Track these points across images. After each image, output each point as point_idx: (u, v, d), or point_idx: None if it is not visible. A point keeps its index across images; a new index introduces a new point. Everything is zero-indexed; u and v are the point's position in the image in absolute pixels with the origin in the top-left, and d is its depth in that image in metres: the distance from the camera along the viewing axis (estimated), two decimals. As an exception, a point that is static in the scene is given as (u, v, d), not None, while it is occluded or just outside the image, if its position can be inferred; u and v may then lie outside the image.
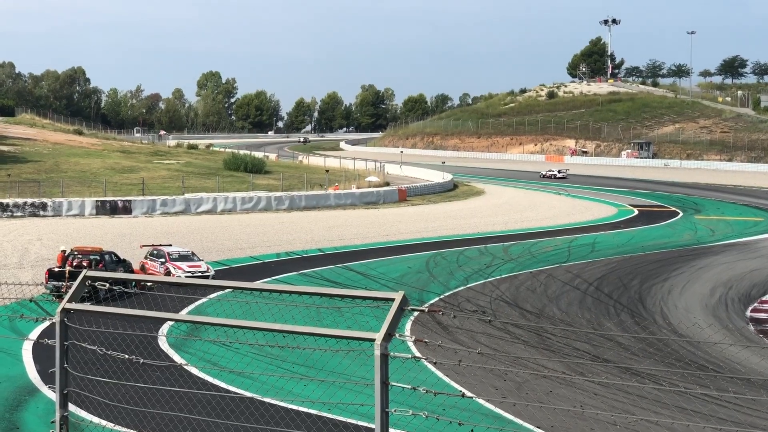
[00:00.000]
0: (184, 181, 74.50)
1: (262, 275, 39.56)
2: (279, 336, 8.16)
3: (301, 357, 16.63)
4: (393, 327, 7.34)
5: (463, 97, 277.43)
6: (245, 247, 49.14)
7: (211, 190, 73.64)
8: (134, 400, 10.33)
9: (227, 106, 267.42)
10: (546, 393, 22.19)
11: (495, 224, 63.83)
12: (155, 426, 10.99)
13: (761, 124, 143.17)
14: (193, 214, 64.89)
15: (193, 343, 24.07)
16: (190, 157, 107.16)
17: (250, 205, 68.36)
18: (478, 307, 34.98)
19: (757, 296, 39.82)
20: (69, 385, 8.69)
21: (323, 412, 16.68)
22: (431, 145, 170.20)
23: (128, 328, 10.37)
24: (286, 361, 18.88)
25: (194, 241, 50.79)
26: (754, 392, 20.61)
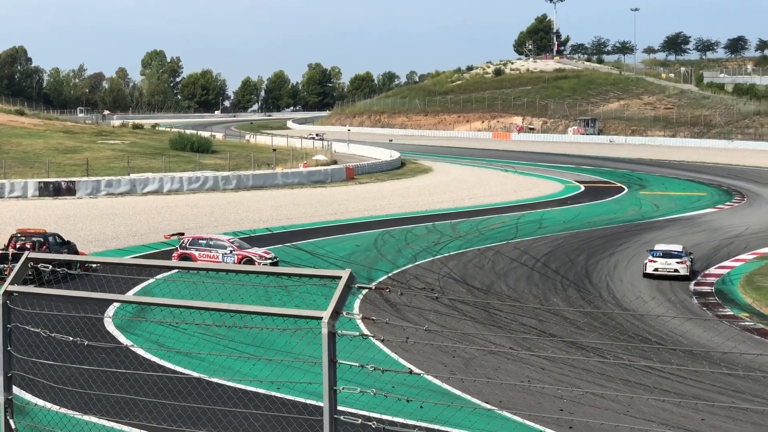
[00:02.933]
0: (130, 162, 73.77)
1: (210, 255, 39.30)
2: (226, 316, 8.12)
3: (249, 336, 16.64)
4: (340, 305, 7.31)
5: (410, 75, 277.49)
6: (193, 227, 48.79)
7: (157, 170, 72.98)
8: (80, 383, 10.24)
9: (173, 85, 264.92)
10: (494, 369, 22.36)
11: (443, 202, 64.03)
12: (101, 408, 10.91)
13: (704, 100, 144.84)
14: (139, 195, 64.33)
15: (139, 324, 23.92)
16: (135, 137, 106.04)
17: (197, 185, 67.90)
18: (426, 285, 35.12)
19: (700, 270, 40.36)
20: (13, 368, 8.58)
21: (271, 391, 16.66)
22: (378, 123, 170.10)
23: (73, 310, 10.26)
24: (233, 341, 18.85)
25: (141, 221, 50.40)
26: (697, 364, 20.95)
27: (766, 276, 38.63)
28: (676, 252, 39.60)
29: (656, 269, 38.79)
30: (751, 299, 34.58)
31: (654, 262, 39.14)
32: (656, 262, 39.09)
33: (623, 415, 18.38)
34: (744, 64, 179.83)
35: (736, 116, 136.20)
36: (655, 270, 38.82)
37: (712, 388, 21.23)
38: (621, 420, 17.47)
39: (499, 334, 27.06)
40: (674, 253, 39.39)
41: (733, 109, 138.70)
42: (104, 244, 42.24)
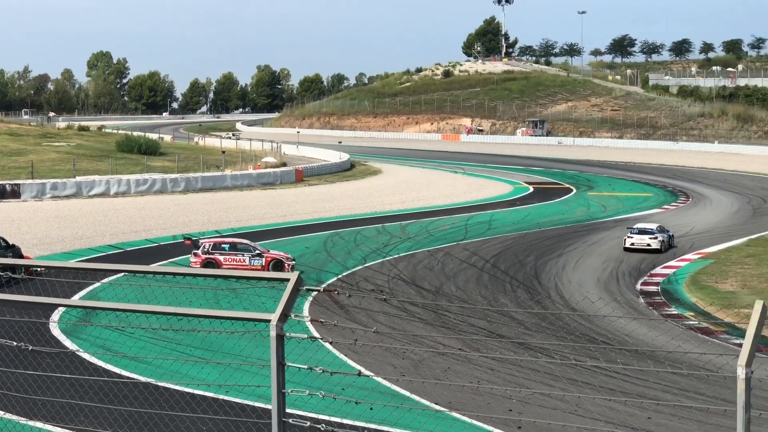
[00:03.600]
0: (76, 164, 72.96)
1: (158, 258, 39.07)
2: (174, 319, 8.07)
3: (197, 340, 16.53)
4: (288, 307, 7.30)
5: (359, 77, 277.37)
6: (140, 230, 48.44)
7: (103, 172, 72.25)
8: (24, 388, 10.11)
9: (119, 86, 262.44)
10: (443, 370, 22.42)
11: (392, 203, 64.12)
12: (47, 413, 10.78)
13: (650, 102, 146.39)
14: (85, 198, 63.64)
15: (85, 328, 23.67)
16: (82, 139, 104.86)
17: (144, 187, 67.36)
18: (376, 286, 35.15)
19: (646, 270, 40.86)
20: (-45, 374, 8.46)
21: (220, 395, 16.57)
22: (328, 125, 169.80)
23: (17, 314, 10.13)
24: (181, 345, 18.69)
25: (87, 224, 49.90)
26: (642, 363, 21.18)
27: (710, 275, 39.18)
28: (650, 230, 46.66)
29: (633, 244, 45.77)
30: (695, 298, 35.06)
31: (631, 238, 46.32)
32: (633, 238, 46.25)
33: (571, 414, 18.52)
34: (688, 67, 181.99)
35: (680, 118, 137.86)
36: (632, 244, 45.78)
37: (658, 386, 21.48)
38: (568, 419, 17.61)
39: (449, 335, 27.15)
40: (648, 230, 46.51)
41: (678, 110, 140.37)
42: (50, 248, 41.74)
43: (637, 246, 45.48)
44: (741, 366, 6.09)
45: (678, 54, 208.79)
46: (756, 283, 37.40)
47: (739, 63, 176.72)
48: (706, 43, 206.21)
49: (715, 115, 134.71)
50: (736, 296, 34.88)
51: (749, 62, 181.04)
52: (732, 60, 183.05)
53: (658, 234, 46.36)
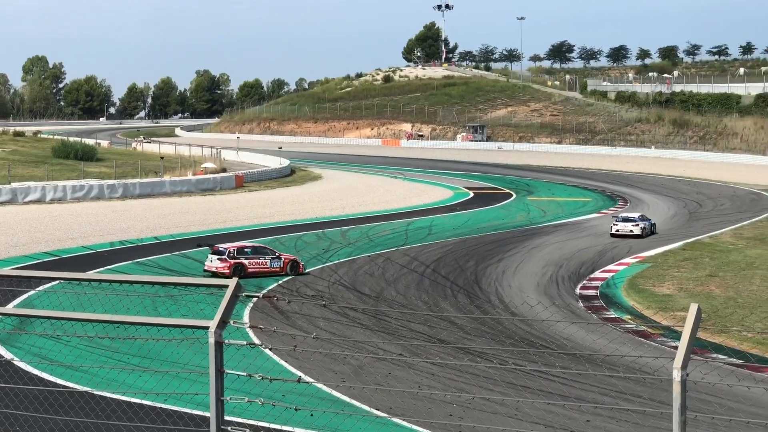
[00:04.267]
0: (10, 170, 71.83)
1: (95, 265, 38.60)
2: (111, 327, 7.98)
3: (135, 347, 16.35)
4: (227, 314, 7.26)
5: (299, 82, 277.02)
6: (77, 236, 47.81)
7: (39, 178, 71.19)
8: (-43, 399, 9.91)
9: (55, 91, 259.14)
10: (384, 375, 22.42)
11: (333, 209, 64.02)
12: (-20, 424, 10.59)
13: (588, 108, 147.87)
14: (20, 204, 62.63)
15: (20, 337, 23.29)
16: (17, 144, 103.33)
17: (81, 193, 66.48)
18: (317, 292, 35.06)
19: (585, 274, 41.23)
20: None
21: (157, 403, 16.37)
22: (268, 130, 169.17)
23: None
24: (118, 353, 18.50)
25: (22, 231, 49.14)
26: (580, 366, 21.35)
27: (647, 279, 39.65)
28: (632, 218, 53.72)
29: (618, 230, 52.05)
30: (633, 302, 35.44)
31: (616, 225, 52.71)
32: (618, 225, 52.65)
33: (510, 418, 18.61)
34: (625, 73, 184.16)
35: (618, 123, 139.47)
36: (617, 231, 52.08)
37: (595, 389, 21.67)
38: (508, 423, 17.69)
39: (390, 340, 27.15)
40: (631, 219, 53.47)
41: (616, 116, 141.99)
42: (-16, 255, 41.05)
43: (622, 232, 51.97)
44: (676, 368, 6.16)
45: (615, 60, 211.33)
46: (692, 286, 37.92)
47: (675, 69, 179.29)
48: (642, 50, 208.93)
49: (652, 121, 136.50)
50: (673, 299, 35.34)
51: (685, 68, 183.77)
52: (668, 66, 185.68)
53: (640, 222, 53.00)
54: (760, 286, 37.67)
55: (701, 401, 15.21)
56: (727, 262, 43.87)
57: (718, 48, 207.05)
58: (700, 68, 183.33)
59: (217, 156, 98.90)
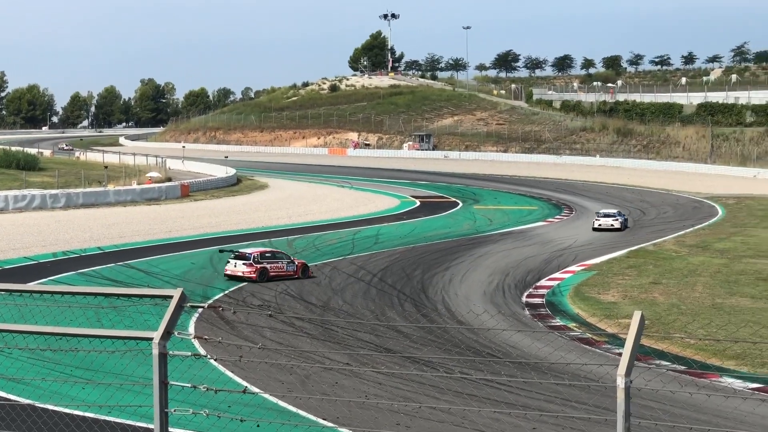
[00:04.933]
0: (-48, 180, 70.77)
1: (38, 276, 38.06)
2: (54, 339, 7.86)
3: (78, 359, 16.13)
4: (171, 325, 7.19)
5: (245, 91, 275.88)
6: (18, 247, 47.11)
7: (-19, 188, 70.19)
8: None
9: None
10: (331, 385, 22.37)
11: (279, 218, 63.82)
12: None
13: (534, 116, 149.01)
14: (-38, 214, 61.68)
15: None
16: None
17: (23, 203, 65.55)
18: (263, 302, 34.91)
19: (531, 282, 41.47)
20: None
21: (102, 415, 16.19)
22: (214, 139, 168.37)
23: None
24: (61, 365, 18.21)
25: (-36, 242, 48.34)
26: (526, 374, 21.43)
27: (593, 287, 40.00)
28: (612, 213, 61.28)
29: (600, 225, 59.20)
30: (579, 309, 35.72)
31: (598, 220, 59.90)
32: (600, 220, 59.81)
33: (457, 427, 18.65)
34: (570, 82, 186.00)
35: (563, 132, 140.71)
36: (600, 225, 59.14)
37: (541, 397, 21.79)
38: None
39: (337, 350, 27.09)
40: (611, 214, 60.89)
41: (561, 125, 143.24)
42: (-76, 267, 40.35)
43: (604, 227, 59.03)
44: (620, 376, 6.20)
45: (560, 69, 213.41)
46: (636, 293, 38.31)
47: (619, 79, 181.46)
48: (587, 59, 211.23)
49: (597, 130, 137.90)
50: (618, 307, 35.67)
51: (628, 78, 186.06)
52: (612, 76, 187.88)
53: (619, 217, 60.53)
54: (702, 292, 38.17)
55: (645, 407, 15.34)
56: (670, 269, 44.40)
57: (661, 58, 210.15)
58: (643, 78, 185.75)
59: (163, 165, 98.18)
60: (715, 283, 40.56)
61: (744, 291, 38.42)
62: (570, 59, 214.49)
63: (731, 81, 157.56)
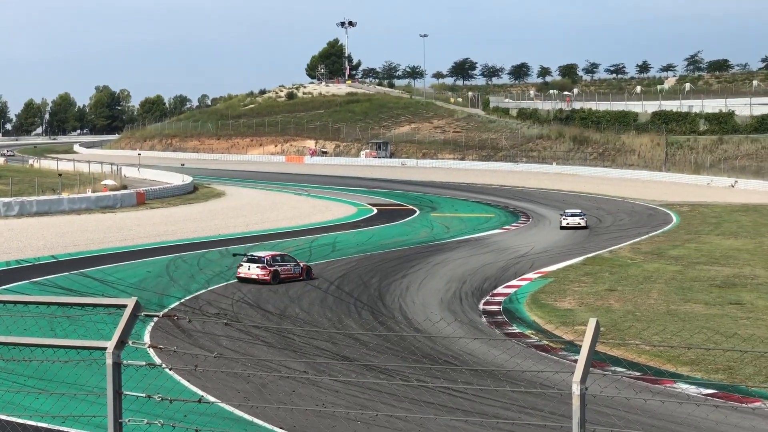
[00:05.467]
0: None
1: (-9, 285, 37.61)
2: (6, 348, 7.77)
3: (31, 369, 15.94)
4: (126, 334, 7.14)
5: (202, 99, 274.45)
6: (-28, 255, 46.56)
7: (-67, 196, 69.30)
8: None
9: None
10: (288, 393, 22.28)
11: (236, 226, 63.57)
12: None
13: (490, 124, 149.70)
14: None
15: None
16: None
17: (-24, 211, 64.82)
18: (220, 310, 34.73)
19: (489, 289, 41.58)
20: None
21: (56, 425, 16.04)
22: (170, 147, 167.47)
23: None
24: (14, 374, 18.02)
25: None
26: (482, 381, 21.48)
27: (549, 294, 40.20)
28: (579, 213, 66.82)
29: (568, 224, 64.32)
30: (535, 317, 35.86)
31: (566, 219, 64.93)
32: (567, 219, 64.88)
33: (415, 434, 18.64)
34: (527, 90, 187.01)
35: (520, 140, 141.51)
36: (567, 224, 64.32)
37: (498, 404, 21.85)
38: (413, 440, 17.72)
39: (294, 358, 27.00)
40: (577, 214, 66.31)
41: (518, 132, 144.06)
42: None
43: (571, 225, 64.20)
44: (576, 383, 6.24)
45: (517, 77, 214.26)
46: (592, 300, 38.56)
47: (575, 87, 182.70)
48: (543, 67, 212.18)
49: (553, 137, 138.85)
50: (574, 314, 35.86)
51: (584, 86, 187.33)
52: (568, 84, 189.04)
53: (584, 216, 66.01)
54: (657, 299, 38.50)
55: (600, 414, 15.44)
56: (626, 276, 44.75)
57: (616, 66, 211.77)
58: (599, 86, 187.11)
59: (118, 173, 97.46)
60: (670, 289, 40.93)
61: (698, 297, 38.81)
62: (526, 67, 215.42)
63: (685, 90, 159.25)
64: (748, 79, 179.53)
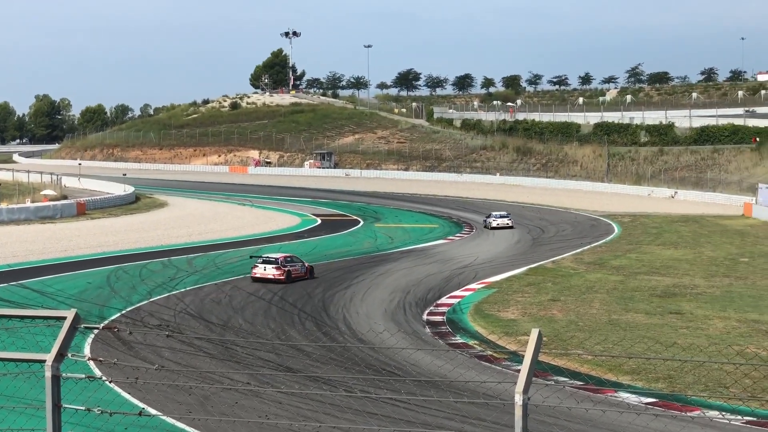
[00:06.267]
0: None
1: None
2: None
3: (-32, 382, 15.69)
4: (65, 347, 7.06)
5: (144, 108, 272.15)
6: None
7: None
8: None
9: None
10: (230, 405, 22.14)
11: (179, 236, 63.11)
12: None
13: (434, 135, 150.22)
14: None
15: None
16: None
17: None
18: (162, 321, 34.44)
19: (432, 300, 41.67)
20: None
21: (-7, 440, 15.77)
22: (112, 156, 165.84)
23: None
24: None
25: None
26: (426, 392, 21.54)
27: (493, 304, 40.40)
28: (506, 214, 73.60)
29: (498, 224, 71.09)
30: (479, 327, 36.00)
31: (496, 220, 71.90)
32: (497, 220, 71.76)
33: (358, 445, 18.59)
34: (471, 101, 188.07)
35: (464, 150, 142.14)
36: (498, 225, 71.01)
37: (441, 414, 21.89)
38: (356, 451, 17.67)
39: (237, 369, 26.84)
40: (504, 215, 72.99)
41: (462, 143, 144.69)
42: None
43: (501, 225, 70.93)
44: (518, 393, 6.26)
45: (461, 88, 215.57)
46: (535, 310, 38.81)
47: (518, 98, 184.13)
48: (487, 79, 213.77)
49: (497, 148, 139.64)
50: (517, 324, 36.06)
51: (527, 97, 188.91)
52: (511, 95, 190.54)
53: (510, 216, 73.15)
54: (599, 309, 38.87)
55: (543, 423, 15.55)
56: (569, 286, 45.13)
57: (559, 78, 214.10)
58: (542, 97, 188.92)
59: (58, 183, 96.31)
60: (612, 299, 41.35)
61: (639, 307, 39.25)
62: (470, 78, 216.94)
63: (626, 101, 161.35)
64: (687, 92, 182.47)
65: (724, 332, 34.00)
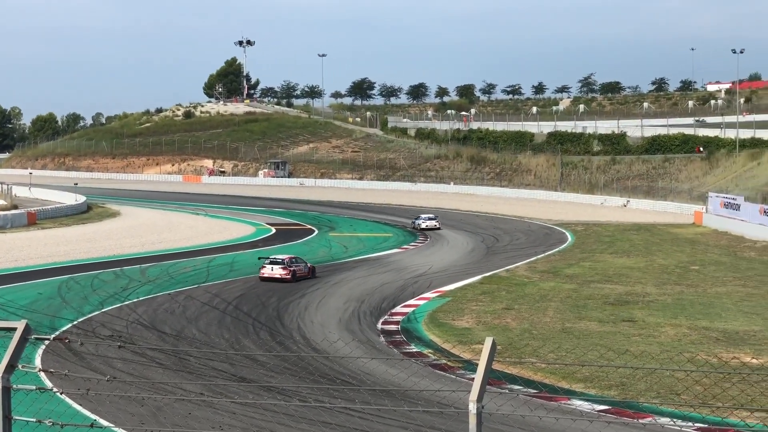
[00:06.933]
0: None
1: None
2: None
3: None
4: (15, 358, 6.99)
5: (96, 117, 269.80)
6: None
7: None
8: None
9: None
10: (184, 416, 21.99)
11: (132, 246, 62.63)
12: None
13: (389, 144, 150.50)
14: None
15: None
16: None
17: None
18: (114, 332, 34.14)
19: (387, 309, 41.70)
20: None
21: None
22: (63, 166, 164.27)
23: None
24: None
25: None
26: (380, 401, 21.53)
27: (447, 313, 40.50)
28: (432, 216, 78.73)
29: (427, 226, 75.53)
30: (433, 336, 36.08)
31: (425, 222, 76.67)
32: (426, 222, 76.65)
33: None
34: (425, 110, 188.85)
35: (418, 159, 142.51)
36: (427, 226, 75.57)
37: (396, 423, 21.89)
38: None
39: (190, 380, 26.68)
40: (431, 217, 78.19)
41: (416, 152, 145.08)
42: None
43: (430, 227, 75.67)
44: (472, 401, 6.28)
45: (415, 98, 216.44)
46: (489, 319, 38.96)
47: (472, 107, 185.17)
48: (441, 88, 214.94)
49: (451, 157, 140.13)
50: (471, 332, 36.17)
51: (481, 107, 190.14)
52: (465, 104, 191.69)
53: (437, 218, 78.22)
54: (553, 317, 39.11)
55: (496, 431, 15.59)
56: (523, 295, 45.36)
57: (513, 87, 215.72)
58: (496, 107, 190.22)
59: (8, 192, 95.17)
60: (565, 307, 41.62)
61: (592, 315, 39.55)
62: (424, 87, 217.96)
63: (579, 111, 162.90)
64: (639, 101, 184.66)
65: (676, 339, 34.37)
